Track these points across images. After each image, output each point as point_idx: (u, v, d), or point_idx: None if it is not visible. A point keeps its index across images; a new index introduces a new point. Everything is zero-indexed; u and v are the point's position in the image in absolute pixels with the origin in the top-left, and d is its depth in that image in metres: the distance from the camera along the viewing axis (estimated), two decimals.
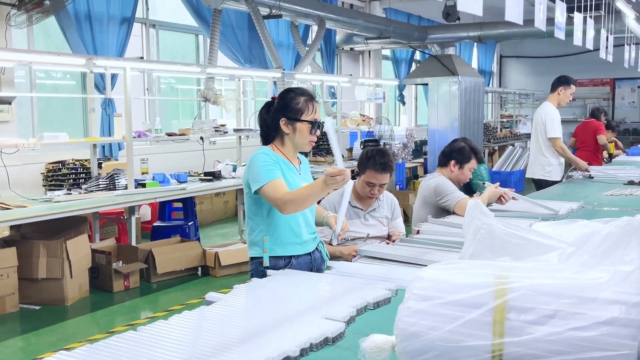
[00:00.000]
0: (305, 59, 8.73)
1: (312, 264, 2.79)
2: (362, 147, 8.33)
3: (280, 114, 2.71)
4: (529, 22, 4.81)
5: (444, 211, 3.81)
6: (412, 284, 1.42)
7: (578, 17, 6.42)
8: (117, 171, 5.73)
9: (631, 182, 4.95)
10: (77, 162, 5.79)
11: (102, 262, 5.45)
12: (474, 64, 16.25)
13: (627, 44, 9.95)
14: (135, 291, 5.53)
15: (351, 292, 2.10)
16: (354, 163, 8.29)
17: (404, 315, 1.38)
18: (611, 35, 8.65)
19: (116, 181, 5.63)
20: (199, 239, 6.79)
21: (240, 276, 5.80)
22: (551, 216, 3.44)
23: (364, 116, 9.94)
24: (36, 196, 5.43)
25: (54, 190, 5.55)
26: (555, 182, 5.83)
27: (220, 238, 7.60)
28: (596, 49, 7.90)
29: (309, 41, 10.12)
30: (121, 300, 5.31)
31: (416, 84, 12.24)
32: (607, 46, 8.29)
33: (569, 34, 6.22)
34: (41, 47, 7.17)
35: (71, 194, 5.43)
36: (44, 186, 5.76)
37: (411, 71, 12.96)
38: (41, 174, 5.83)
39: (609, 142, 8.50)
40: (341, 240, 3.44)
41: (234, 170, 6.78)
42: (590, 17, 7.10)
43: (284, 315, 1.88)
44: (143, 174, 6.35)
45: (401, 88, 13.26)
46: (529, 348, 1.26)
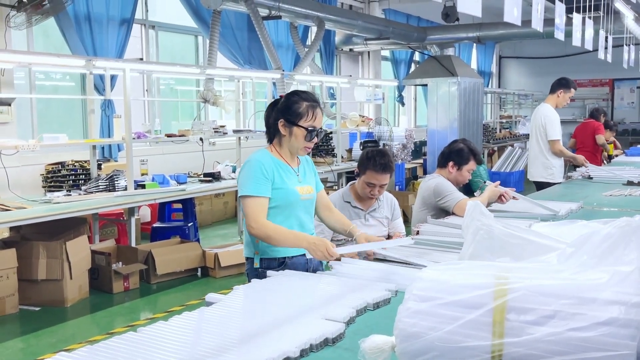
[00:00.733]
0: (305, 60, 8.73)
1: (307, 265, 2.78)
2: (362, 148, 8.33)
3: (280, 115, 2.70)
4: (527, 22, 4.83)
5: (443, 212, 3.81)
6: (411, 285, 1.42)
7: (577, 18, 6.43)
8: (116, 172, 5.73)
9: (630, 183, 4.96)
10: (76, 163, 5.79)
11: (101, 263, 5.45)
12: (473, 65, 16.26)
13: (626, 44, 9.96)
14: (135, 292, 5.53)
15: (351, 293, 2.10)
16: (354, 164, 8.33)
17: (403, 315, 1.38)
18: (610, 35, 8.67)
19: (116, 182, 5.63)
20: (198, 240, 6.79)
21: (240, 277, 5.80)
22: (551, 217, 3.44)
23: (363, 117, 9.94)
24: (36, 197, 5.43)
25: (53, 191, 5.54)
26: (556, 184, 5.83)
27: (220, 239, 7.61)
28: (595, 49, 7.92)
29: (308, 42, 10.13)
30: (121, 301, 5.31)
31: (415, 85, 12.25)
32: (606, 47, 8.31)
33: (568, 34, 6.23)
34: (41, 48, 7.17)
35: (71, 195, 5.43)
36: (43, 187, 5.75)
37: (410, 72, 12.97)
38: (41, 175, 5.83)
39: (608, 143, 8.51)
40: (342, 241, 3.45)
41: (234, 171, 6.78)
42: (589, 17, 7.11)
43: (283, 316, 1.88)
44: (143, 175, 6.35)
45: (400, 89, 13.27)
46: (528, 348, 1.27)
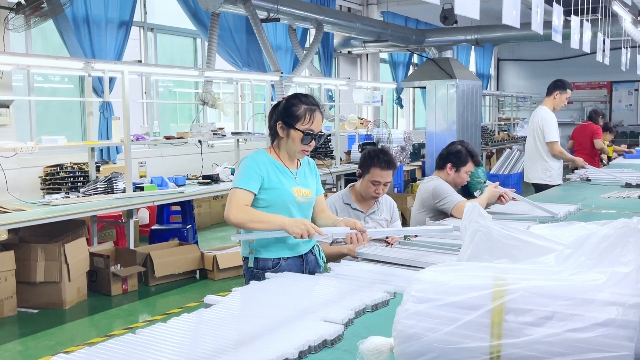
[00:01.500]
0: (303, 62, 8.74)
1: (303, 266, 2.79)
2: (360, 150, 8.33)
3: (279, 116, 2.72)
4: (526, 25, 4.83)
5: (442, 214, 3.82)
6: (410, 286, 1.42)
7: (575, 21, 6.44)
8: (115, 174, 5.73)
9: (628, 185, 4.97)
10: (75, 166, 5.79)
11: (100, 266, 5.45)
12: (472, 67, 16.28)
13: (623, 47, 9.98)
14: (133, 294, 5.52)
15: (349, 295, 2.10)
16: (352, 166, 8.33)
17: (402, 317, 1.38)
18: (608, 38, 8.69)
19: (114, 184, 5.62)
20: (197, 242, 6.79)
21: (238, 279, 5.80)
22: (549, 218, 3.44)
23: (362, 119, 9.95)
24: (34, 200, 5.42)
25: (52, 193, 5.54)
26: (555, 185, 5.83)
27: (219, 241, 7.60)
28: (593, 52, 7.93)
29: (306, 44, 10.14)
30: (119, 303, 5.30)
31: (414, 87, 12.27)
32: (604, 49, 8.32)
33: (566, 37, 6.24)
34: (39, 50, 7.17)
35: (69, 197, 5.43)
36: (42, 190, 5.75)
37: (409, 74, 12.98)
38: (39, 177, 5.82)
39: (607, 145, 8.53)
40: (340, 241, 3.45)
41: (232, 174, 6.78)
42: (587, 20, 7.12)
43: (282, 318, 1.88)
44: (141, 177, 6.35)
45: (399, 91, 13.28)
46: (526, 349, 1.27)
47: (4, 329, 4.66)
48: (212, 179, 6.61)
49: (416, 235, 3.17)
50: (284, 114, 2.70)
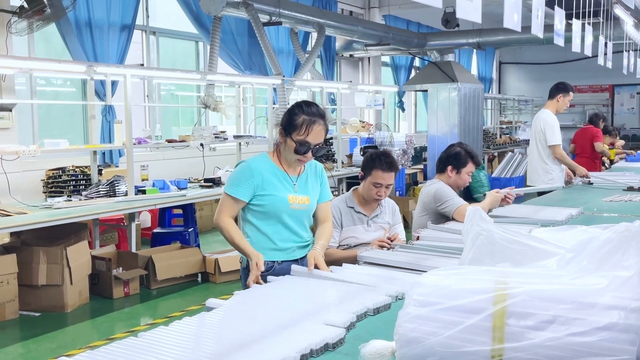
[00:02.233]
0: (305, 65, 8.75)
1: None
2: (362, 153, 8.33)
3: (282, 122, 2.73)
4: (527, 28, 4.83)
5: (443, 217, 3.81)
6: (411, 290, 1.42)
7: (577, 24, 6.44)
8: (117, 178, 5.74)
9: (630, 188, 4.96)
10: (77, 169, 5.80)
11: (102, 269, 5.45)
12: (474, 71, 16.28)
13: (625, 50, 9.98)
14: (135, 297, 5.53)
15: (351, 298, 2.10)
16: (354, 169, 8.33)
17: (403, 320, 1.39)
18: (610, 41, 8.68)
19: (116, 188, 5.63)
20: (198, 246, 6.79)
21: (240, 282, 5.79)
22: (551, 222, 3.44)
23: (363, 122, 9.94)
24: (36, 203, 5.43)
25: (54, 196, 5.55)
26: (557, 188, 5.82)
27: (220, 244, 7.59)
28: (595, 55, 7.93)
29: (308, 48, 10.15)
30: (121, 306, 5.30)
31: (416, 91, 12.25)
32: (605, 52, 8.32)
33: (568, 40, 6.24)
34: (42, 54, 7.19)
35: (71, 200, 5.44)
36: (44, 193, 5.76)
37: (410, 78, 12.97)
38: (41, 180, 5.83)
39: (609, 148, 8.52)
40: (344, 247, 3.46)
41: None
42: (589, 23, 7.12)
43: (284, 321, 1.88)
44: (143, 180, 6.35)
45: (401, 94, 13.28)
46: (528, 353, 1.27)
47: (5, 332, 4.66)
48: (214, 182, 6.61)
49: (418, 237, 3.17)
50: (285, 121, 2.71)
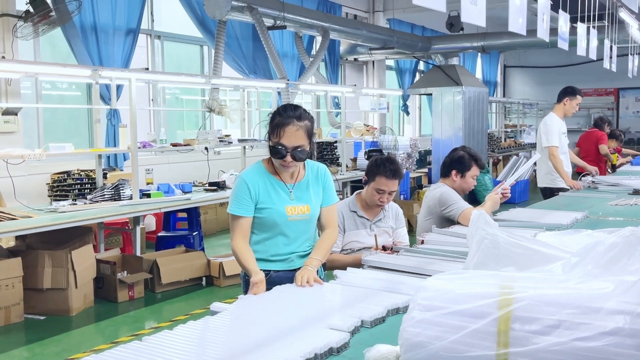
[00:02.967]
0: (310, 69, 8.76)
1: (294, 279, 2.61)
2: (367, 157, 8.33)
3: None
4: (532, 32, 4.83)
5: (448, 221, 3.80)
6: (416, 294, 1.42)
7: (581, 28, 6.43)
8: (122, 181, 5.75)
9: (636, 192, 4.94)
10: (82, 173, 5.81)
11: (106, 272, 5.46)
12: (478, 74, 16.27)
13: (630, 53, 9.95)
14: (139, 301, 5.53)
15: (356, 302, 2.10)
16: (358, 173, 8.33)
17: (408, 325, 1.38)
18: (615, 45, 8.67)
19: (121, 191, 5.65)
20: (203, 249, 6.79)
21: None
22: (556, 226, 3.43)
23: (368, 126, 9.96)
24: (41, 206, 5.44)
25: (59, 200, 5.56)
26: (560, 189, 5.82)
27: (225, 248, 7.60)
28: (600, 58, 7.91)
29: (313, 52, 10.16)
30: (126, 310, 5.31)
31: (420, 94, 12.27)
32: (610, 56, 8.30)
33: (573, 44, 6.23)
34: (47, 58, 7.22)
35: (76, 204, 5.45)
36: (49, 196, 5.77)
37: (415, 81, 12.98)
38: (46, 184, 5.85)
39: (612, 152, 8.50)
40: (347, 251, 3.46)
41: None
42: (594, 27, 7.11)
43: (288, 326, 1.88)
44: (148, 184, 6.37)
45: (405, 98, 13.28)
46: (533, 358, 1.26)
47: (11, 335, 4.67)
48: (219, 185, 6.62)
49: (422, 241, 3.16)
50: (269, 125, 2.64)
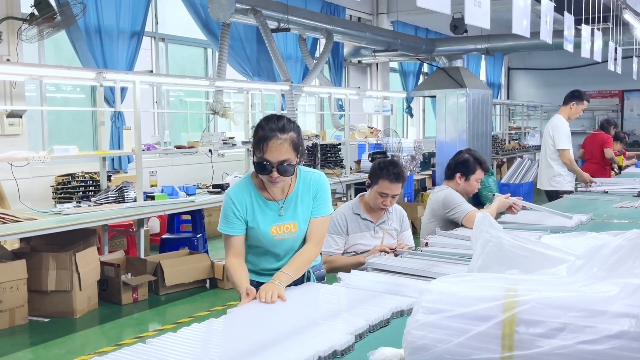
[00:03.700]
0: (313, 71, 8.76)
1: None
2: (370, 159, 8.33)
3: None
4: (536, 34, 4.82)
5: (452, 224, 3.80)
6: (420, 297, 1.42)
7: (586, 30, 6.43)
8: (126, 184, 5.76)
9: None
10: (86, 175, 5.82)
11: (110, 275, 5.46)
12: (482, 76, 16.25)
13: (635, 55, 9.93)
14: (143, 303, 5.53)
15: (360, 305, 2.10)
16: (362, 175, 8.32)
17: (412, 328, 1.38)
18: (619, 47, 8.65)
19: (125, 194, 5.65)
20: (207, 252, 6.79)
21: None
22: (560, 228, 3.42)
23: (371, 128, 9.95)
24: (46, 209, 5.46)
25: (63, 202, 5.57)
26: (565, 191, 5.82)
27: None
28: (604, 60, 7.90)
29: (317, 54, 10.17)
30: (130, 312, 5.31)
31: (424, 96, 12.26)
32: (615, 58, 8.28)
33: (577, 46, 6.23)
34: (52, 60, 7.24)
35: (80, 206, 5.46)
36: (53, 199, 5.78)
37: (419, 83, 12.97)
38: (51, 186, 5.86)
39: (617, 154, 8.47)
40: (351, 254, 3.46)
41: None
42: (598, 29, 7.10)
43: (292, 328, 1.88)
44: (152, 186, 6.37)
45: (409, 100, 13.28)
46: None
47: (15, 337, 4.68)
48: (223, 188, 6.62)
49: (427, 243, 3.16)
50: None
